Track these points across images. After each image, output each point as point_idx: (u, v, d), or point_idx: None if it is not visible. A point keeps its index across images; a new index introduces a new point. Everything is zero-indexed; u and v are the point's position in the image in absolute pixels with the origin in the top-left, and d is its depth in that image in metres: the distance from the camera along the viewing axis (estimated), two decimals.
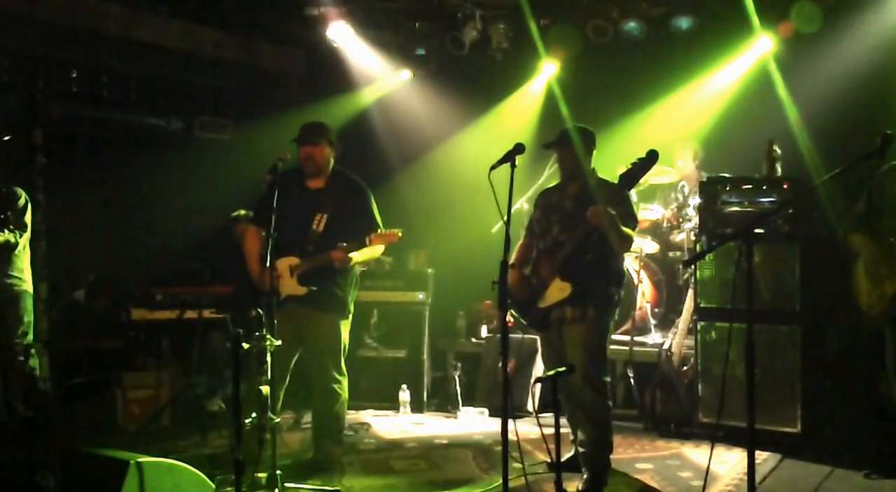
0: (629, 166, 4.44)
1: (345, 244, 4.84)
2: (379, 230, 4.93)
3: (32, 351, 5.68)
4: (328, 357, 5.03)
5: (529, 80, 7.91)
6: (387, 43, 7.87)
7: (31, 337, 5.75)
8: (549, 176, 6.19)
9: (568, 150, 4.68)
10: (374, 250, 5.03)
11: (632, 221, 4.63)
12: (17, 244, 5.64)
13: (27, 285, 5.80)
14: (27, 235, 5.75)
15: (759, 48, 6.85)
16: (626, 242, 4.60)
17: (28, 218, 5.76)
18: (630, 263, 6.57)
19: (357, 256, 4.93)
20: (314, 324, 5.01)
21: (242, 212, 6.31)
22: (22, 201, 5.73)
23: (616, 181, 4.56)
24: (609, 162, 5.03)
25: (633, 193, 6.57)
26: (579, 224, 4.51)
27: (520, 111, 7.96)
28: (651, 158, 4.43)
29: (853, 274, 4.12)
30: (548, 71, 7.72)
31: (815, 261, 5.60)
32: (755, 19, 6.55)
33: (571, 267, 4.55)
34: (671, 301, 6.83)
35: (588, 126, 4.83)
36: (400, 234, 4.92)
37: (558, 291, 4.57)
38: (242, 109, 8.30)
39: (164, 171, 7.62)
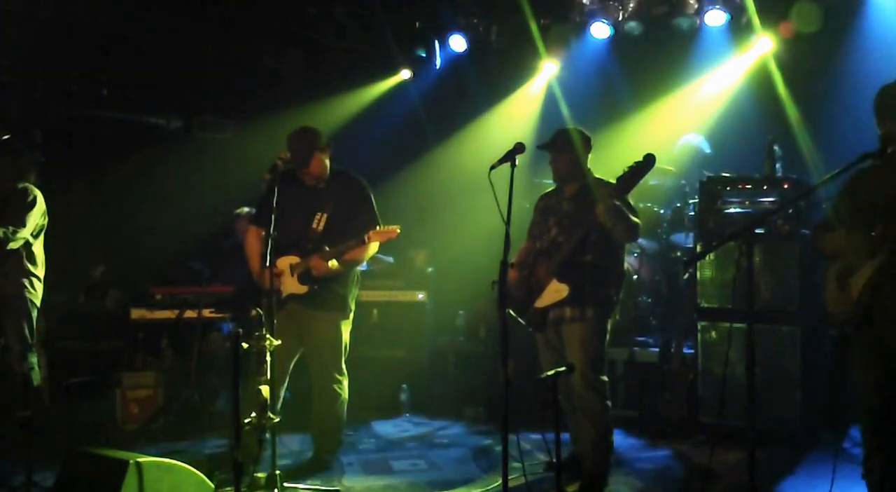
0: (626, 170, 4.43)
1: (328, 249, 4.84)
2: (378, 227, 4.93)
3: (31, 356, 5.60)
4: (328, 357, 5.03)
5: (529, 79, 7.91)
6: (387, 43, 7.87)
7: (28, 341, 5.61)
8: None
9: (562, 151, 4.68)
10: (361, 253, 4.97)
11: (633, 212, 4.63)
12: (7, 239, 5.37)
13: (24, 290, 5.53)
14: (25, 232, 5.46)
15: (760, 48, 6.85)
16: (635, 232, 4.57)
17: (32, 216, 5.49)
18: (630, 262, 6.57)
19: (336, 266, 4.90)
20: (315, 323, 5.01)
21: (245, 209, 6.32)
22: (29, 199, 5.49)
23: (613, 181, 4.55)
24: (609, 162, 5.03)
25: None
26: (577, 225, 4.51)
27: (520, 111, 7.95)
28: (648, 162, 4.41)
29: (825, 277, 4.09)
30: (548, 71, 7.71)
31: (815, 261, 5.59)
32: (755, 19, 6.55)
33: (569, 268, 4.55)
34: (671, 301, 6.82)
35: (585, 127, 4.83)
36: (398, 230, 4.91)
37: (556, 292, 4.57)
38: (242, 109, 8.29)
39: (164, 170, 7.62)
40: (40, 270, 5.66)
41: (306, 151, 4.90)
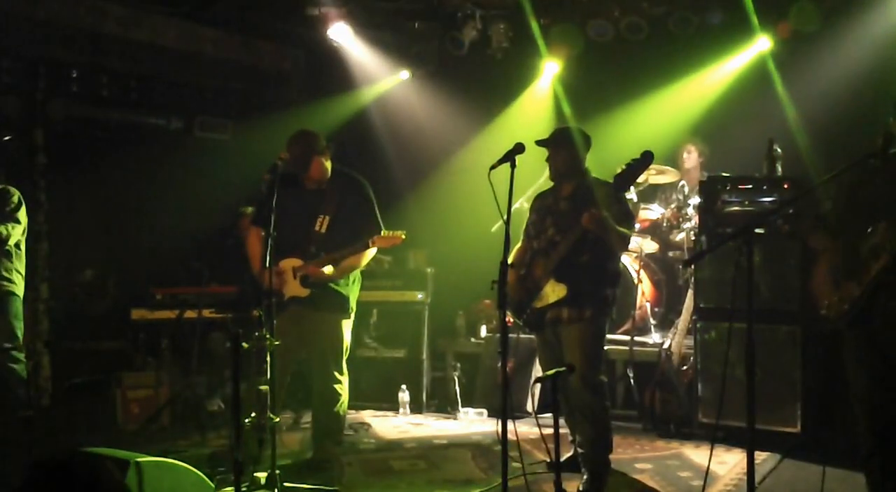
0: (624, 167, 4.44)
1: (324, 255, 4.85)
2: (382, 232, 4.93)
3: (19, 354, 5.61)
4: (329, 357, 5.03)
5: (531, 79, 7.90)
6: (386, 43, 7.87)
7: (20, 339, 5.66)
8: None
9: (561, 148, 4.68)
10: (359, 258, 4.98)
11: (628, 219, 4.63)
12: (9, 236, 5.52)
13: (15, 287, 5.66)
14: (19, 230, 5.60)
15: (759, 47, 6.86)
16: (625, 242, 4.61)
17: (22, 216, 5.64)
18: (630, 262, 6.57)
19: (332, 272, 4.91)
20: (316, 324, 5.01)
21: (249, 209, 6.32)
22: (15, 199, 5.62)
23: (611, 181, 4.55)
24: (608, 160, 5.03)
25: (634, 193, 6.59)
26: (574, 225, 4.50)
27: (523, 111, 7.94)
28: (646, 158, 4.43)
29: (813, 274, 4.10)
30: (551, 71, 7.71)
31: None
32: (754, 19, 6.55)
33: (566, 268, 4.55)
34: (671, 301, 6.82)
35: (585, 126, 4.84)
36: (403, 236, 4.91)
37: (553, 292, 4.56)
38: (242, 109, 8.29)
39: (164, 171, 7.62)
40: (22, 268, 5.76)
41: (305, 155, 4.90)
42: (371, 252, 5.02)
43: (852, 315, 3.71)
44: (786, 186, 5.60)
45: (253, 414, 4.25)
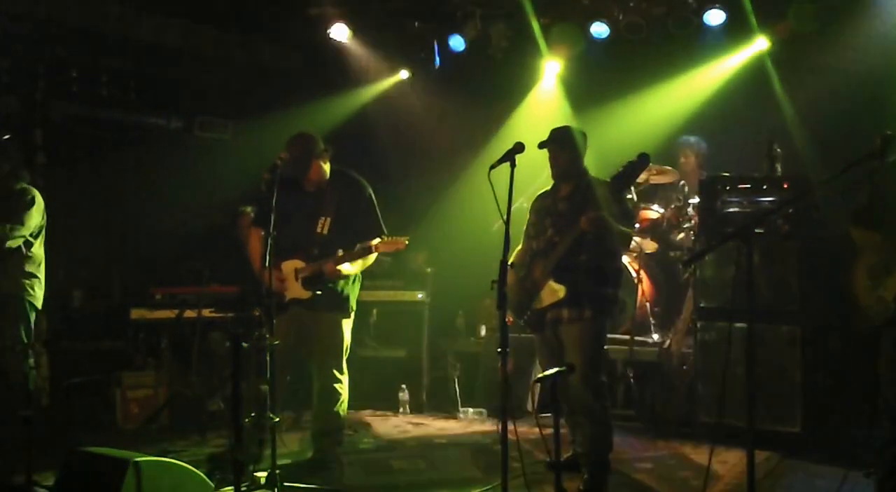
0: (620, 169, 4.45)
1: (341, 253, 4.84)
2: (384, 237, 4.92)
3: (23, 356, 5.56)
4: (329, 356, 5.03)
5: (531, 79, 7.90)
6: (386, 43, 7.87)
7: (24, 342, 5.58)
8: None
9: (562, 148, 4.68)
10: (369, 259, 5.01)
11: (629, 218, 4.64)
12: (7, 236, 5.32)
13: (20, 290, 5.45)
14: (23, 231, 5.40)
15: (758, 46, 6.86)
16: (626, 240, 4.62)
17: (31, 216, 5.43)
18: (630, 262, 6.57)
19: (349, 269, 4.92)
20: (317, 324, 5.01)
21: (249, 209, 6.33)
22: (27, 199, 5.44)
23: (608, 181, 4.55)
24: (611, 159, 5.03)
25: (634, 193, 6.59)
26: (572, 225, 4.51)
27: (529, 113, 7.94)
28: (642, 161, 4.44)
29: (852, 271, 4.11)
30: (553, 71, 7.71)
31: (815, 261, 5.60)
32: (753, 19, 6.56)
33: (565, 268, 4.55)
34: (671, 301, 6.82)
35: (584, 126, 4.85)
36: (406, 241, 4.90)
37: (552, 292, 4.57)
38: (242, 109, 8.29)
39: (164, 170, 7.62)
40: (41, 272, 5.61)
41: (304, 159, 4.91)
42: (373, 257, 5.02)
43: (890, 313, 3.74)
44: (785, 186, 5.60)
45: (253, 414, 4.25)
